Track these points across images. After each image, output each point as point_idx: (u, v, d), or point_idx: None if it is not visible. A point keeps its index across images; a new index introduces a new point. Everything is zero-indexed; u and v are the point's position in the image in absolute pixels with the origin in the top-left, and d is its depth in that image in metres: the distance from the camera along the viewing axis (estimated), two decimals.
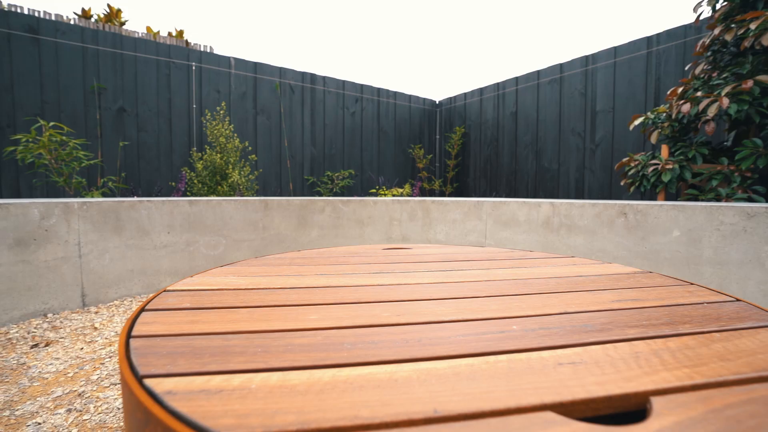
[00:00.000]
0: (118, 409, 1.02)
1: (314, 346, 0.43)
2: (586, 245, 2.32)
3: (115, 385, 1.15)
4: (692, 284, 0.74)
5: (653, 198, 3.82)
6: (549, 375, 0.37)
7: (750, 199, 2.33)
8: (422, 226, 2.78)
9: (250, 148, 4.63)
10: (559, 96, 4.74)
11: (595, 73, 4.37)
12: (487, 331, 0.48)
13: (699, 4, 2.74)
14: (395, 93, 6.02)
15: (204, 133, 4.34)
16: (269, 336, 0.46)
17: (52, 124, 2.68)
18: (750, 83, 2.22)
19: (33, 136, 2.68)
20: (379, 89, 5.82)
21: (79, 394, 1.10)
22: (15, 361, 1.30)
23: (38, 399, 1.07)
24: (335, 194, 5.28)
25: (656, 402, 0.33)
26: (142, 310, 0.55)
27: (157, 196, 4.09)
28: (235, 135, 4.41)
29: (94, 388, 1.13)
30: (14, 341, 1.47)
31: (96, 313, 1.82)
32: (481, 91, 5.73)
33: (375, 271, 0.84)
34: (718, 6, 2.80)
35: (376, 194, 5.30)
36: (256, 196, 4.52)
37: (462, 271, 0.86)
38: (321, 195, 5.22)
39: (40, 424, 0.95)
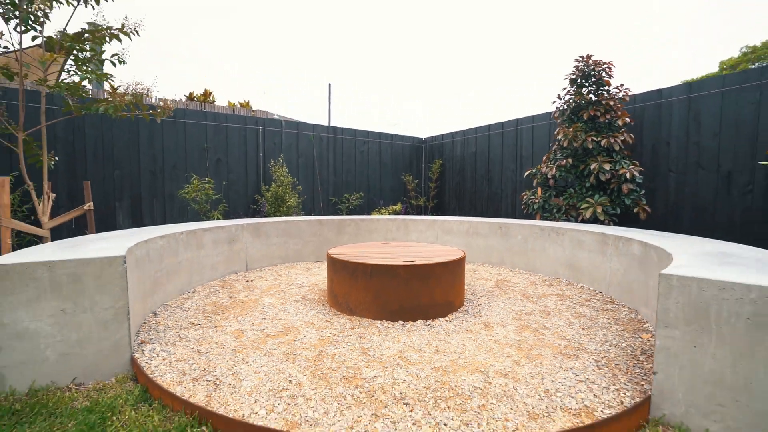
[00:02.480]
0: (297, 293, 3.27)
1: (371, 256, 2.71)
2: (485, 243, 4.56)
3: (291, 288, 3.40)
4: (461, 251, 2.99)
5: (533, 217, 6.03)
6: (405, 258, 2.64)
7: (567, 220, 4.57)
8: (404, 233, 5.03)
9: (296, 181, 6.92)
10: (501, 144, 7.01)
11: (522, 131, 6.64)
12: (405, 257, 2.76)
13: (554, 113, 5.01)
14: (392, 135, 8.30)
15: (267, 172, 6.64)
16: (358, 256, 2.73)
17: (206, 179, 4.97)
18: (564, 161, 4.49)
19: (193, 185, 4.98)
20: (380, 133, 8.10)
21: (282, 290, 3.35)
22: (247, 284, 3.56)
23: (266, 296, 3.32)
24: (351, 211, 7.56)
25: (416, 259, 2.61)
26: (328, 252, 2.82)
27: (247, 217, 6.38)
28: (288, 173, 6.68)
29: (286, 289, 3.38)
30: (235, 280, 3.73)
31: (253, 272, 4.08)
32: (453, 135, 8.00)
33: (380, 248, 3.11)
34: (564, 107, 5.06)
35: (378, 211, 7.56)
36: (299, 214, 6.79)
37: (408, 249, 3.13)
38: (341, 212, 7.49)
39: (280, 295, 3.21)
